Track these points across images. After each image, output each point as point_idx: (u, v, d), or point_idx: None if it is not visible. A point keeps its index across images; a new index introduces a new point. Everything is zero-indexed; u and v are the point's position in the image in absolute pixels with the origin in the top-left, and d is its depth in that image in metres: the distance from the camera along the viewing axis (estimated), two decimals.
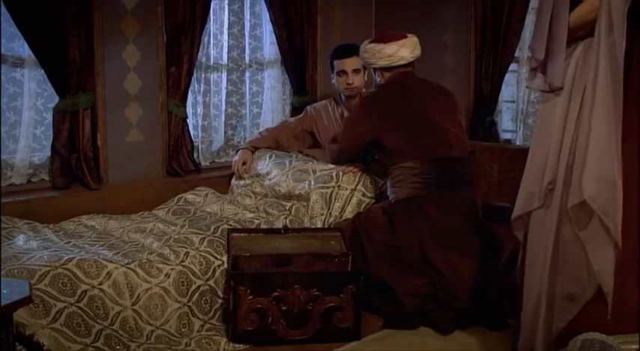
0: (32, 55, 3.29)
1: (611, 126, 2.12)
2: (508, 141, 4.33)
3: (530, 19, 4.09)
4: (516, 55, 4.14)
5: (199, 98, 3.99)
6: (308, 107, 3.96)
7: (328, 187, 3.39)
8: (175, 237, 2.99)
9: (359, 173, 3.49)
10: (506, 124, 4.41)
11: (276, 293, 2.78)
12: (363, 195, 3.44)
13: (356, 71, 3.68)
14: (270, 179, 3.62)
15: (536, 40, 2.25)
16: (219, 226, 3.12)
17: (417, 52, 3.34)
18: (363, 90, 3.79)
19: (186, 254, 2.85)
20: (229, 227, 3.11)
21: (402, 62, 3.29)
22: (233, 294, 2.74)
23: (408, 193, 3.15)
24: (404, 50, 3.28)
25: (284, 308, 2.78)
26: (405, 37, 3.32)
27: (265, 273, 2.84)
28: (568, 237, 2.23)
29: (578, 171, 2.18)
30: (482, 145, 3.89)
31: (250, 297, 2.75)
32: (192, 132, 3.90)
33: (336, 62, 3.72)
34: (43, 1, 3.20)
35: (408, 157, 3.17)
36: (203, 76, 3.97)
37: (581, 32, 2.19)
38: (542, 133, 2.32)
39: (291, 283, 2.78)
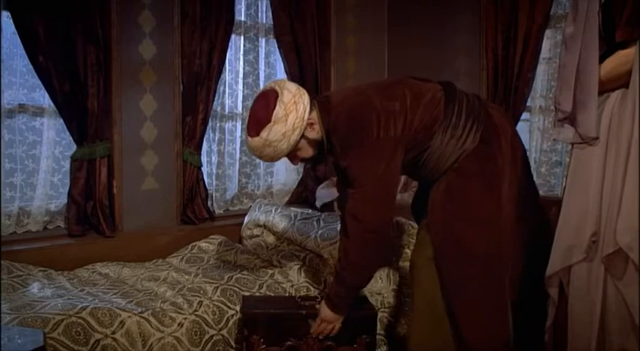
0: (52, 104, 3.36)
1: None
2: None
3: (541, 68, 4.13)
4: (528, 104, 4.17)
5: (214, 147, 4.04)
6: None
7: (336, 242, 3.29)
8: (189, 286, 2.99)
9: None
10: None
11: (289, 342, 2.75)
12: None
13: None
14: (277, 230, 3.61)
15: (562, 92, 2.23)
16: (232, 275, 3.11)
17: (306, 97, 2.48)
18: None
19: (200, 303, 2.84)
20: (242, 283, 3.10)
21: (307, 112, 2.46)
22: (246, 343, 2.72)
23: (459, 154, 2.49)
24: (294, 112, 2.42)
25: None
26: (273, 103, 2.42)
27: (279, 318, 2.79)
28: (615, 290, 2.17)
29: (613, 219, 2.15)
30: None
31: (263, 346, 2.72)
32: (206, 180, 3.93)
33: None
34: (64, 52, 3.29)
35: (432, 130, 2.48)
36: (218, 124, 4.03)
37: (614, 85, 2.18)
38: (578, 184, 2.26)
39: (304, 333, 2.76)
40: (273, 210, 3.75)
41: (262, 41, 4.24)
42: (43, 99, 3.42)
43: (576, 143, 2.26)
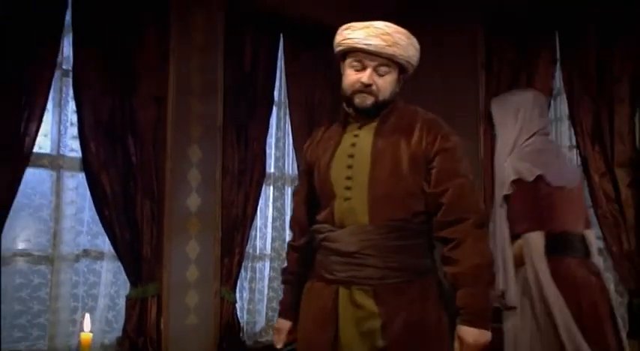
0: (111, 249, 3.88)
1: None
2: None
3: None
4: None
5: (245, 284, 4.52)
6: None
7: None
8: None
9: None
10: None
11: None
12: None
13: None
14: None
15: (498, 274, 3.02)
16: None
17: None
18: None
19: None
20: None
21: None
22: None
23: None
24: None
25: None
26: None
27: None
28: None
29: None
30: None
31: None
32: (238, 314, 4.39)
33: None
34: (126, 206, 3.86)
35: None
36: (250, 265, 4.54)
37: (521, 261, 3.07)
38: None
39: None
40: None
41: (288, 189, 4.83)
42: (103, 244, 3.94)
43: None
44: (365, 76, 2.27)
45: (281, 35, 4.72)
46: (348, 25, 2.31)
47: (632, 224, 3.95)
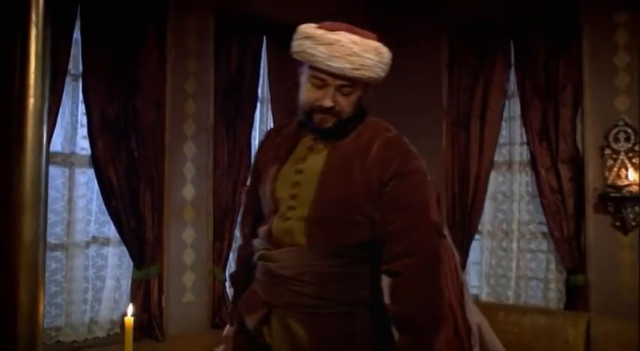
0: (117, 236, 4.36)
1: None
2: (476, 295, 5.43)
3: (488, 202, 5.32)
4: (479, 228, 5.32)
5: (233, 265, 5.05)
6: None
7: None
8: None
9: None
10: (473, 281, 5.52)
11: None
12: None
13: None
14: None
15: None
16: None
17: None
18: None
19: None
20: None
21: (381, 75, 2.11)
22: None
23: None
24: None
25: None
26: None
27: None
28: None
29: None
30: None
31: None
32: (227, 291, 4.92)
33: None
34: (130, 197, 4.33)
35: None
36: (237, 246, 5.06)
37: None
38: None
39: None
40: None
41: None
42: (109, 232, 4.42)
43: None
44: (326, 99, 2.03)
45: (264, 37, 5.19)
46: (311, 32, 2.05)
47: (572, 213, 4.60)
